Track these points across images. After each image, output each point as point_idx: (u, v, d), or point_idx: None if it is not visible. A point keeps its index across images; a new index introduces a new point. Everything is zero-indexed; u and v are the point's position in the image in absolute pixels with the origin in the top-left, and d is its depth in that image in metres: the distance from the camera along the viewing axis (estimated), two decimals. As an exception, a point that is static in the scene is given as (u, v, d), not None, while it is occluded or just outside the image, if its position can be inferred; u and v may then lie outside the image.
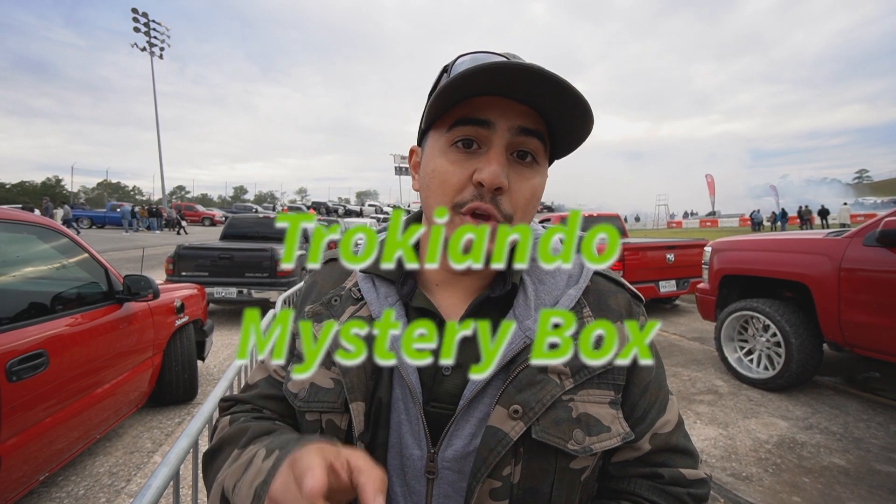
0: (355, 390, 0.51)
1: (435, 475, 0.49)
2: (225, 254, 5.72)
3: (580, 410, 0.49)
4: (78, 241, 2.38)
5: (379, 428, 0.51)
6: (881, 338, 2.75)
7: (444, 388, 0.51)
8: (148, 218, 24.50)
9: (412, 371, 0.50)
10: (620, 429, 0.51)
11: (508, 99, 0.47)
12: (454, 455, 0.48)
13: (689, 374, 3.69)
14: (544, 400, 0.48)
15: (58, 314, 2.02)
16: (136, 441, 2.70)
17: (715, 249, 3.91)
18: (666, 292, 5.87)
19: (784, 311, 3.25)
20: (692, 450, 0.56)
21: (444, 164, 0.48)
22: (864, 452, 2.45)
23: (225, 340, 4.95)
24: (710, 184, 47.54)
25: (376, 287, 0.57)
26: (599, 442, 0.49)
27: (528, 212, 0.50)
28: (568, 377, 0.50)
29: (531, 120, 0.48)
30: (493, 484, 0.47)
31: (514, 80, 0.44)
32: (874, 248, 2.79)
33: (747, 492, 2.14)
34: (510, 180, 0.47)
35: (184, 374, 3.08)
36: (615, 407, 0.52)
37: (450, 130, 0.48)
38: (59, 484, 2.26)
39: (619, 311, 0.56)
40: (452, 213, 0.48)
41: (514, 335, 0.50)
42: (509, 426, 0.47)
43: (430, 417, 0.50)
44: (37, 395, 1.77)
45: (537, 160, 0.50)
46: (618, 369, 0.52)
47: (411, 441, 0.50)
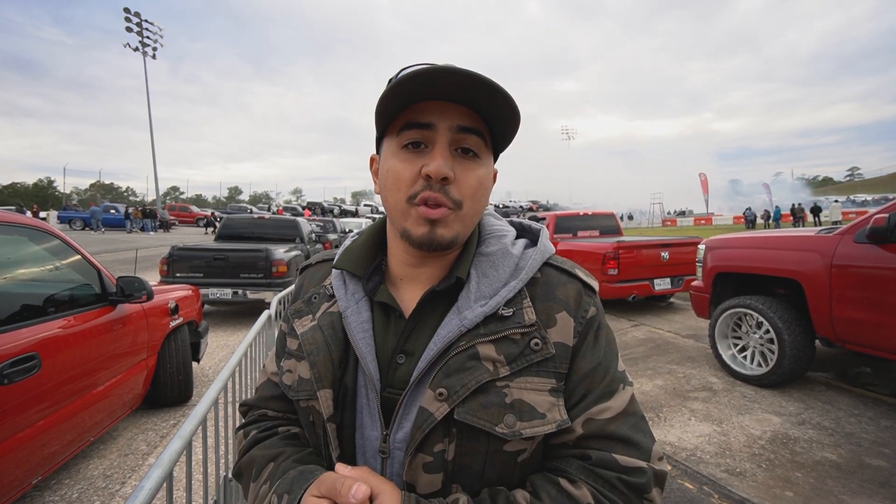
0: (322, 379, 0.57)
1: (387, 454, 0.54)
2: (220, 254, 5.69)
3: (515, 397, 0.52)
4: (70, 242, 2.36)
5: (346, 411, 0.57)
6: (872, 333, 2.78)
7: (397, 375, 0.56)
8: (142, 219, 24.30)
9: (371, 360, 0.56)
10: (557, 416, 0.53)
11: (446, 101, 0.53)
12: (403, 437, 0.53)
13: (684, 372, 3.72)
14: (469, 384, 0.51)
15: (50, 316, 2.00)
16: (131, 443, 2.69)
17: (709, 247, 3.94)
18: (661, 290, 5.90)
19: (777, 307, 3.28)
20: (637, 441, 0.54)
21: (396, 164, 0.54)
22: (855, 447, 2.48)
23: (220, 342, 4.93)
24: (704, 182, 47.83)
25: (346, 284, 0.62)
26: (531, 427, 0.52)
27: (476, 199, 0.55)
28: (503, 365, 0.53)
29: (469, 119, 0.54)
30: (425, 458, 0.52)
31: (446, 83, 0.50)
32: (864, 244, 2.82)
33: (741, 487, 2.16)
34: (456, 172, 0.53)
35: (178, 376, 3.07)
36: (555, 395, 0.54)
37: (399, 135, 0.54)
38: (53, 488, 2.25)
39: (566, 300, 0.58)
40: (407, 205, 0.54)
41: (451, 325, 0.54)
42: (435, 407, 0.51)
43: (387, 402, 0.55)
44: (29, 397, 1.75)
45: (479, 154, 0.55)
46: (559, 357, 0.55)
47: (369, 423, 0.56)
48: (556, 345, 0.55)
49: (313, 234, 8.52)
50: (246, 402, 0.71)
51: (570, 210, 10.63)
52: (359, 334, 0.57)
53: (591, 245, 6.25)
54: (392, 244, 0.62)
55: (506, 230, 0.63)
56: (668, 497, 2.12)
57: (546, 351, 0.54)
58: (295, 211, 35.04)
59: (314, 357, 0.58)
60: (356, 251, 0.63)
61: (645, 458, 0.53)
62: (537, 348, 0.54)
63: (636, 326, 5.34)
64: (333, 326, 0.59)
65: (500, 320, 0.54)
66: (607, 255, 5.73)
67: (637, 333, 5.03)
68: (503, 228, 0.64)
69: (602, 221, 7.91)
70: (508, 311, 0.55)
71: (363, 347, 0.56)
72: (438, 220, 0.53)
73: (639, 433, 0.55)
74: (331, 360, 0.57)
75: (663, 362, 3.99)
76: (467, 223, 0.56)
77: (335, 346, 0.58)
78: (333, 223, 13.81)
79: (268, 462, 0.59)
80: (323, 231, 11.06)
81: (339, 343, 0.58)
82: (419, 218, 0.53)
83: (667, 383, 3.49)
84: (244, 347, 1.81)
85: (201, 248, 5.93)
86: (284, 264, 5.76)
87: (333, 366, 0.57)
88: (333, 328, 0.59)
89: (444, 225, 0.53)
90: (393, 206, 0.55)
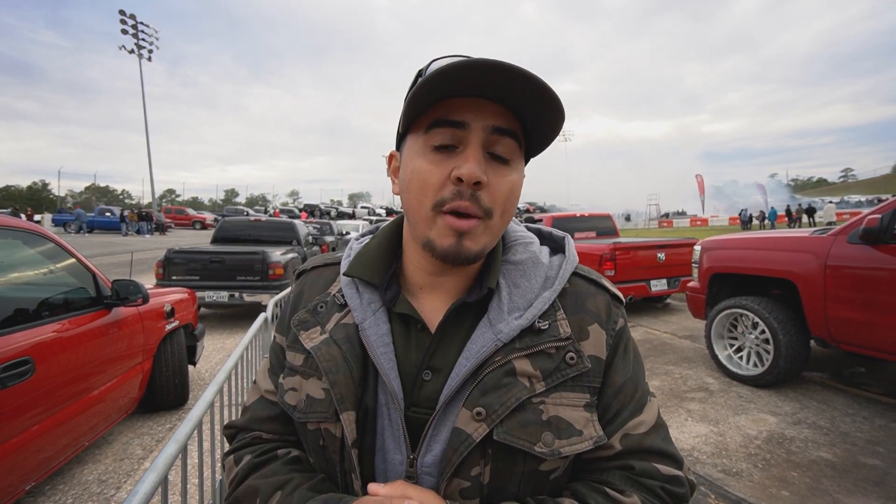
0: (345, 400, 0.52)
1: (415, 479, 0.50)
2: (216, 257, 5.67)
3: (551, 413, 0.50)
4: (65, 245, 2.35)
5: (366, 433, 0.52)
6: (866, 333, 2.80)
7: (423, 392, 0.52)
8: (137, 222, 24.17)
9: (394, 377, 0.51)
10: (594, 433, 0.51)
11: (482, 99, 0.48)
12: (433, 460, 0.49)
13: (681, 372, 3.73)
14: (508, 403, 0.48)
15: (44, 320, 1.99)
16: (126, 448, 2.67)
17: (704, 248, 3.96)
18: (657, 291, 5.92)
19: (772, 308, 3.30)
20: (671, 453, 0.54)
21: (423, 164, 0.49)
22: (850, 446, 2.50)
23: (216, 345, 4.90)
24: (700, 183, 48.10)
25: (360, 293, 0.57)
26: (570, 446, 0.49)
27: (507, 208, 0.51)
28: (539, 380, 0.50)
29: (505, 119, 0.49)
30: (462, 484, 0.48)
31: (484, 77, 0.45)
32: (858, 245, 2.84)
33: (737, 487, 2.17)
34: (488, 177, 0.48)
35: (174, 380, 3.05)
36: (590, 410, 0.52)
37: (427, 132, 0.49)
38: (47, 493, 2.23)
39: (597, 312, 0.55)
40: (433, 212, 0.49)
41: (485, 339, 0.51)
42: (472, 428, 0.48)
43: (412, 422, 0.51)
44: (23, 402, 1.74)
45: (513, 159, 0.51)
46: (593, 371, 0.52)
47: (393, 446, 0.51)
48: (590, 358, 0.53)
49: (310, 236, 8.51)
50: (233, 423, 0.63)
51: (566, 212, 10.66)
52: (379, 349, 0.52)
53: (587, 246, 6.27)
54: (409, 250, 0.57)
55: (531, 237, 0.60)
56: (665, 498, 2.12)
57: (581, 365, 0.52)
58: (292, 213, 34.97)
59: (334, 376, 0.52)
60: (370, 257, 0.58)
61: (680, 468, 0.54)
62: (573, 362, 0.51)
63: (633, 327, 5.36)
64: (350, 341, 0.54)
65: (535, 334, 0.51)
66: (604, 256, 5.75)
67: (634, 334, 4.99)
68: (527, 235, 0.61)
69: (598, 223, 7.94)
70: (544, 324, 0.52)
71: (385, 363, 0.52)
72: (466, 233, 0.49)
73: (670, 445, 0.55)
74: (352, 379, 0.52)
75: (660, 363, 4.00)
76: (495, 234, 0.52)
77: (355, 363, 0.53)
78: (330, 225, 13.78)
79: (274, 491, 0.52)
80: (320, 233, 11.05)
81: (359, 359, 0.53)
82: (446, 228, 0.48)
83: (663, 384, 3.50)
84: (240, 350, 1.81)
85: (197, 250, 5.90)
86: (281, 267, 5.74)
87: (355, 385, 0.52)
88: (350, 342, 0.54)
89: (471, 238, 0.49)
90: (416, 212, 0.51)
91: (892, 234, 2.72)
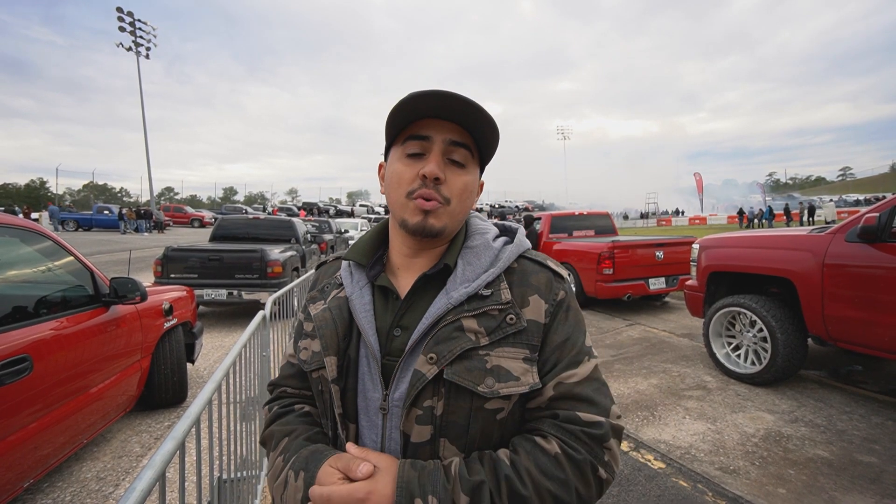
0: (328, 347, 0.68)
1: (387, 411, 0.64)
2: (214, 255, 5.66)
3: (494, 363, 0.62)
4: (62, 243, 2.34)
5: (349, 377, 0.68)
6: (863, 332, 2.81)
7: (394, 345, 0.66)
8: (136, 220, 24.10)
9: (371, 334, 0.67)
10: (530, 380, 0.63)
11: (442, 120, 0.65)
12: (400, 396, 0.63)
13: (679, 371, 3.74)
14: (455, 350, 0.62)
15: (42, 318, 1.99)
16: (125, 445, 2.67)
17: (703, 247, 3.96)
18: (655, 289, 5.93)
19: (770, 306, 3.30)
20: (598, 401, 0.63)
21: (400, 167, 0.67)
22: (846, 444, 2.51)
23: (215, 342, 4.90)
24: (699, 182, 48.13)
25: (352, 273, 0.74)
26: (507, 388, 0.61)
27: (462, 199, 0.67)
28: (484, 335, 0.63)
29: (459, 134, 0.66)
30: (417, 412, 0.62)
31: (440, 105, 0.63)
32: (856, 244, 2.85)
33: (735, 485, 2.18)
34: (446, 175, 0.65)
35: (173, 377, 3.05)
36: (528, 363, 0.64)
37: (403, 144, 0.67)
38: (45, 490, 2.23)
39: (538, 286, 0.68)
40: (406, 199, 0.66)
41: (440, 303, 0.65)
42: (426, 369, 0.61)
43: (386, 368, 0.66)
44: (21, 400, 1.74)
45: (466, 164, 0.68)
46: (530, 332, 0.65)
47: (371, 386, 0.66)
48: (529, 322, 0.65)
49: (309, 234, 8.49)
50: (272, 381, 0.82)
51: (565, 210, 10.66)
52: (361, 313, 0.68)
53: (586, 245, 6.27)
54: (393, 238, 0.74)
55: (488, 229, 0.75)
56: (662, 495, 2.13)
57: (519, 325, 0.64)
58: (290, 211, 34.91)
59: (322, 330, 0.69)
60: (362, 245, 0.75)
61: (604, 415, 0.63)
62: (512, 322, 0.64)
63: (631, 325, 5.37)
64: (340, 308, 0.71)
65: (480, 299, 0.65)
66: (602, 254, 5.75)
67: (632, 332, 5.06)
68: (486, 228, 0.76)
69: (597, 221, 7.95)
70: (487, 292, 0.65)
71: (365, 324, 0.67)
72: (431, 212, 0.64)
73: (600, 395, 0.64)
74: (336, 333, 0.68)
75: (658, 361, 4.01)
76: (455, 218, 0.68)
77: (340, 323, 0.69)
78: (329, 223, 13.75)
79: (283, 437, 0.70)
80: (318, 231, 11.03)
81: (345, 321, 0.70)
82: (415, 209, 0.65)
83: (661, 382, 3.51)
84: (238, 348, 1.80)
85: (196, 248, 5.89)
86: (280, 265, 5.73)
87: (339, 338, 0.68)
88: (340, 309, 0.71)
89: (435, 216, 0.65)
90: (395, 201, 0.67)
91: (889, 232, 2.72)
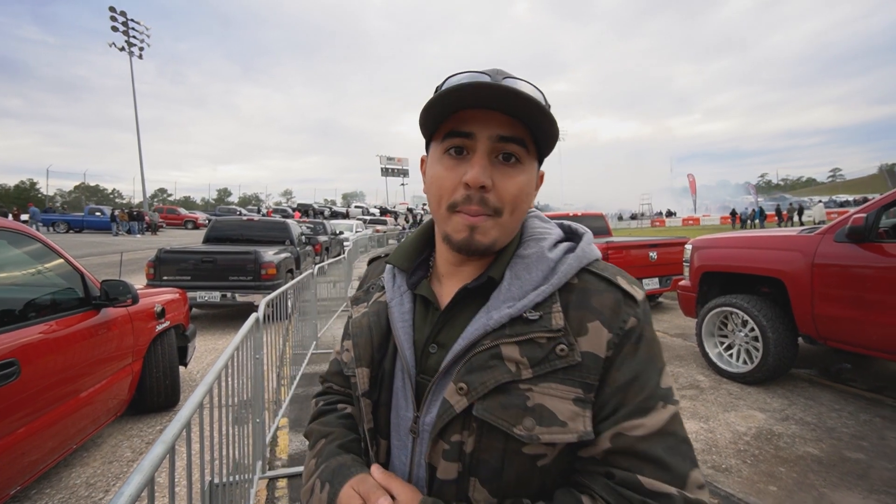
0: (361, 358, 0.64)
1: (417, 435, 0.58)
2: (208, 257, 5.62)
3: (536, 401, 0.52)
4: (52, 245, 2.31)
5: (383, 391, 0.62)
6: (851, 330, 2.85)
7: (429, 363, 0.59)
8: (128, 222, 23.85)
9: (407, 347, 0.60)
10: (580, 427, 0.51)
11: (489, 110, 0.54)
12: (430, 420, 0.56)
13: (672, 370, 3.77)
14: (488, 383, 0.53)
15: (30, 321, 1.96)
16: (115, 450, 2.64)
17: (695, 247, 4.00)
18: (649, 290, 5.96)
19: (761, 306, 3.34)
20: (670, 463, 0.49)
21: (439, 170, 0.57)
22: (835, 441, 2.54)
23: (209, 345, 4.86)
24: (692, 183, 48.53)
25: (395, 277, 0.67)
26: (549, 434, 0.51)
27: (516, 205, 0.57)
28: (527, 367, 0.52)
29: (509, 128, 0.54)
30: (444, 446, 0.55)
31: (487, 95, 0.52)
32: (844, 244, 2.89)
33: (727, 483, 2.20)
34: (495, 180, 0.55)
35: (165, 381, 3.02)
36: (580, 405, 0.52)
37: (443, 141, 0.57)
38: (33, 497, 2.19)
39: (601, 310, 0.55)
40: (448, 213, 0.57)
41: (479, 323, 0.56)
42: (455, 400, 0.54)
43: (420, 387, 0.59)
44: (8, 405, 1.71)
45: (521, 160, 0.56)
46: (586, 367, 0.52)
47: (403, 404, 0.60)
48: (584, 354, 0.52)
49: (303, 236, 8.46)
50: (322, 374, 0.82)
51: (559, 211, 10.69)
52: (399, 323, 0.62)
53: (580, 245, 6.29)
54: (438, 243, 0.66)
55: (546, 233, 0.62)
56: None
57: (572, 358, 0.52)
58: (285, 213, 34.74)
59: (357, 339, 0.65)
60: (406, 248, 0.68)
61: (678, 484, 0.49)
62: (563, 354, 0.52)
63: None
64: (378, 315, 0.65)
65: (526, 323, 0.54)
66: (596, 255, 5.77)
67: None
68: (545, 232, 0.63)
69: (591, 222, 7.97)
70: (535, 315, 0.54)
71: (401, 335, 0.61)
72: (477, 227, 0.55)
73: (674, 456, 0.50)
74: (370, 343, 0.63)
75: (652, 361, 4.04)
76: (507, 229, 0.58)
77: (377, 332, 0.64)
78: (324, 225, 13.70)
79: (321, 438, 0.68)
80: (313, 233, 10.98)
81: (381, 329, 0.64)
82: (459, 224, 0.56)
83: (655, 382, 3.53)
84: (231, 350, 1.79)
85: (189, 250, 5.84)
86: (274, 266, 5.70)
87: (373, 348, 0.63)
88: (378, 316, 0.65)
89: (482, 232, 0.56)
90: (436, 212, 0.60)
91: (877, 232, 2.77)
